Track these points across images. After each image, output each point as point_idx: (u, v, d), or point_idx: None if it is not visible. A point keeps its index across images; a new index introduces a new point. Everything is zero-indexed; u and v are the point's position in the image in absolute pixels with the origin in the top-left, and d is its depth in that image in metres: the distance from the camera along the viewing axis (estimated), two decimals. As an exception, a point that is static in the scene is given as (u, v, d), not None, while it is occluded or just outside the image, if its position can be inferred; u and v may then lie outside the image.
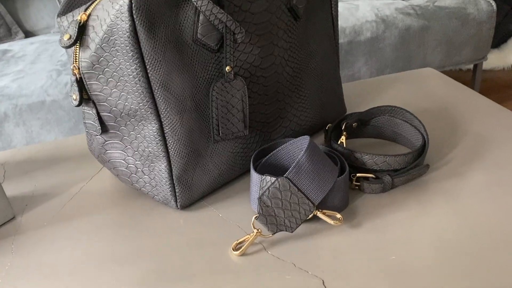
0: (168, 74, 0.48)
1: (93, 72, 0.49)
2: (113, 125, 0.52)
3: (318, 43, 0.63)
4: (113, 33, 0.46)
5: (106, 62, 0.48)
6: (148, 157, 0.52)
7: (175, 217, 0.53)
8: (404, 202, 0.53)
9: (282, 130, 0.61)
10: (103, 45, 0.47)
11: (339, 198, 0.50)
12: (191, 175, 0.53)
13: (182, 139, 0.51)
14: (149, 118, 0.50)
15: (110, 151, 0.55)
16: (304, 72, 0.62)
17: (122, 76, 0.48)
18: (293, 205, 0.47)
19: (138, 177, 0.54)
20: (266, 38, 0.55)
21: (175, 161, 0.52)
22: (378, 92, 0.79)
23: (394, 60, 1.29)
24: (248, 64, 0.54)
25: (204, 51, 0.50)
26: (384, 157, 0.53)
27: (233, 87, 0.52)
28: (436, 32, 1.29)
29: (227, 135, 0.53)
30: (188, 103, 0.50)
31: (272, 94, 0.58)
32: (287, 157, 0.54)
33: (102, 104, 0.51)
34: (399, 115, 0.61)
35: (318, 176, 0.48)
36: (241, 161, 0.57)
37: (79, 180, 0.63)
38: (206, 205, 0.55)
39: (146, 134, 0.51)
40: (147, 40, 0.45)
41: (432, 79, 0.82)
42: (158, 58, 0.47)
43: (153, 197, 0.55)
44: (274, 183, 0.47)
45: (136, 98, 0.48)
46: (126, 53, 0.46)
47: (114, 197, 0.58)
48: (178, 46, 0.48)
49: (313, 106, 0.64)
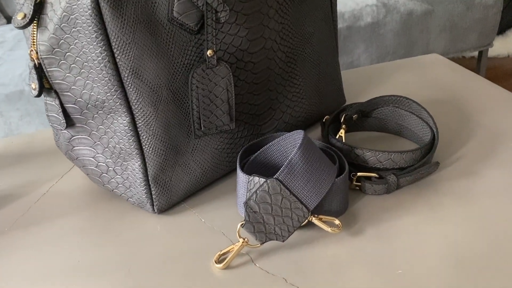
0: (139, 59, 0.41)
1: (53, 57, 0.42)
2: (79, 118, 0.46)
3: (314, 25, 0.56)
4: (73, 10, 0.39)
5: (67, 46, 0.41)
6: (120, 154, 0.46)
7: (151, 223, 0.47)
8: (411, 205, 0.46)
9: (274, 123, 0.54)
10: (63, 25, 0.40)
11: (337, 201, 0.44)
12: (169, 175, 0.47)
13: (157, 134, 0.44)
14: (118, 110, 0.43)
15: (77, 148, 0.48)
16: (298, 57, 0.55)
17: (86, 61, 0.41)
18: (284, 211, 0.41)
19: (109, 177, 0.48)
20: (254, 18, 0.48)
21: (151, 159, 0.45)
22: (380, 80, 0.73)
23: (396, 47, 1.22)
24: (234, 48, 0.47)
25: (182, 32, 0.43)
26: (389, 154, 0.47)
27: (216, 74, 0.45)
28: (440, 17, 1.22)
29: (210, 129, 0.47)
30: (163, 93, 0.44)
31: (263, 83, 0.51)
32: (279, 154, 0.47)
33: (65, 94, 0.45)
34: (405, 106, 0.54)
35: (313, 176, 0.41)
36: (227, 159, 0.51)
37: (49, 178, 0.57)
38: (187, 208, 0.49)
39: (117, 129, 0.44)
40: (113, 19, 0.39)
41: (438, 66, 0.76)
42: (126, 40, 0.40)
43: (127, 199, 0.48)
44: (263, 186, 0.40)
45: (103, 87, 0.42)
46: (89, 35, 0.39)
47: (84, 199, 0.52)
48: (150, 26, 0.41)
49: (308, 96, 0.57)
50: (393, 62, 0.78)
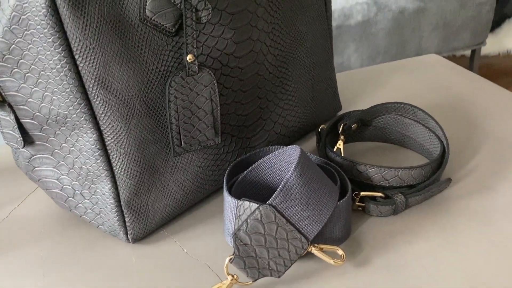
0: (107, 67, 0.35)
1: (4, 65, 0.36)
2: (39, 135, 0.39)
3: (307, 24, 0.50)
4: (25, 10, 0.33)
5: (19, 51, 0.35)
6: (88, 176, 0.40)
7: (125, 254, 0.41)
8: (421, 228, 0.41)
9: (265, 134, 0.48)
10: (13, 27, 0.34)
11: (339, 227, 0.38)
12: (145, 199, 0.41)
13: (130, 153, 0.38)
14: (83, 126, 0.37)
15: (39, 168, 0.42)
16: (290, 60, 0.49)
17: (43, 70, 0.35)
18: (280, 242, 0.35)
19: (77, 201, 0.42)
20: (241, 17, 0.42)
21: (123, 182, 0.39)
22: (377, 83, 0.67)
23: (387, 46, 1.17)
24: (218, 51, 0.41)
25: (157, 35, 0.37)
26: (396, 171, 0.41)
27: (198, 83, 0.39)
28: (432, 15, 1.18)
29: (193, 145, 0.41)
30: (136, 105, 0.37)
31: (251, 90, 0.45)
32: (271, 172, 0.42)
33: (21, 108, 0.38)
34: (409, 114, 0.49)
35: (312, 201, 0.36)
36: (212, 177, 0.45)
37: (10, 200, 0.50)
38: (166, 235, 0.43)
39: (82, 147, 0.38)
40: (73, 20, 0.32)
41: (437, 67, 0.71)
42: (90, 45, 0.34)
43: (97, 226, 0.42)
44: (255, 213, 0.35)
45: (65, 100, 0.36)
46: (45, 39, 0.33)
47: (50, 226, 0.45)
48: (118, 27, 0.35)
49: (302, 103, 0.52)
50: (390, 64, 0.73)
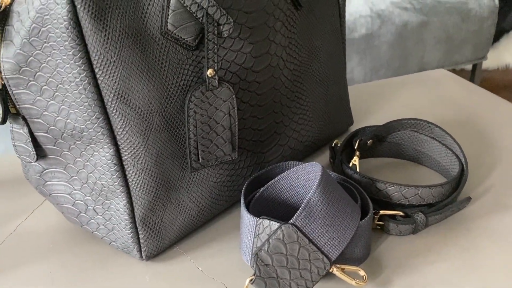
0: (127, 81, 0.34)
1: (21, 77, 0.35)
2: (52, 149, 0.38)
3: (322, 40, 0.50)
4: (45, 22, 0.32)
5: (37, 64, 0.34)
6: (102, 192, 0.38)
7: (138, 272, 0.40)
8: (442, 248, 0.40)
9: (279, 149, 0.48)
10: (32, 39, 0.33)
11: (360, 246, 0.38)
12: (159, 215, 0.39)
13: (147, 169, 0.37)
14: (100, 141, 0.36)
15: (50, 183, 0.41)
16: (305, 75, 0.49)
17: (61, 83, 0.34)
18: (302, 263, 0.34)
19: (89, 217, 0.40)
20: (260, 31, 0.41)
21: (138, 198, 0.38)
22: (387, 98, 0.67)
23: (390, 59, 1.17)
24: (237, 66, 0.41)
25: (177, 49, 0.36)
26: (416, 189, 0.41)
27: (217, 97, 0.38)
28: (435, 29, 1.18)
29: (210, 160, 0.40)
30: (155, 120, 0.37)
31: (267, 105, 0.45)
32: (289, 189, 0.41)
33: (36, 121, 0.37)
34: (425, 131, 0.48)
35: (335, 220, 0.35)
36: (228, 193, 0.44)
37: (17, 214, 0.49)
38: (180, 253, 0.42)
39: (98, 162, 0.37)
40: (94, 33, 0.32)
41: (447, 83, 0.70)
42: (111, 58, 0.33)
43: (110, 243, 0.41)
44: (277, 233, 0.34)
45: (82, 114, 0.35)
46: (65, 51, 0.32)
47: (59, 241, 0.44)
48: (140, 41, 0.34)
49: (316, 117, 0.51)
50: (398, 78, 0.73)
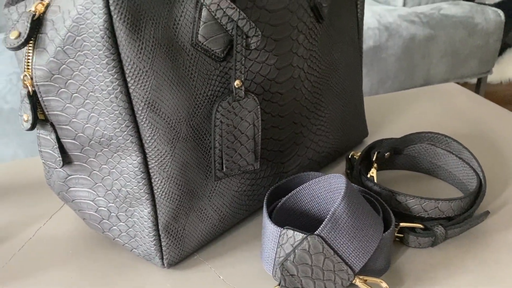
0: (157, 90, 0.34)
1: (52, 84, 0.36)
2: (78, 156, 0.39)
3: (341, 52, 0.51)
4: (81, 31, 0.32)
5: (70, 72, 0.34)
6: (126, 199, 0.39)
7: (159, 279, 0.40)
8: (461, 261, 0.41)
9: (297, 159, 0.48)
10: (66, 47, 0.33)
11: (382, 258, 0.38)
12: (182, 223, 0.40)
13: (173, 177, 0.38)
14: (128, 148, 0.36)
15: (74, 189, 0.41)
16: (324, 87, 0.49)
17: (92, 91, 0.34)
18: (326, 274, 0.34)
19: (111, 224, 0.41)
20: (284, 44, 0.42)
21: (162, 206, 0.38)
22: (399, 111, 0.67)
23: (397, 72, 1.18)
24: (262, 77, 0.41)
25: (206, 59, 0.37)
26: (436, 202, 0.41)
27: (243, 108, 0.39)
28: (442, 42, 1.19)
29: (233, 170, 0.40)
30: (182, 129, 0.37)
31: (288, 115, 0.45)
32: (310, 200, 0.41)
33: (64, 128, 0.38)
34: (442, 144, 0.49)
35: (359, 232, 0.35)
36: (248, 202, 0.44)
37: (35, 220, 0.49)
38: (200, 261, 0.42)
39: (124, 170, 0.37)
40: (129, 43, 0.32)
41: (458, 96, 0.71)
42: (144, 68, 0.33)
43: (131, 250, 0.41)
44: (303, 244, 0.34)
45: (112, 122, 0.35)
46: (99, 60, 0.33)
47: (78, 247, 0.44)
48: (171, 51, 0.35)
49: (333, 129, 0.52)
50: (409, 91, 0.73)
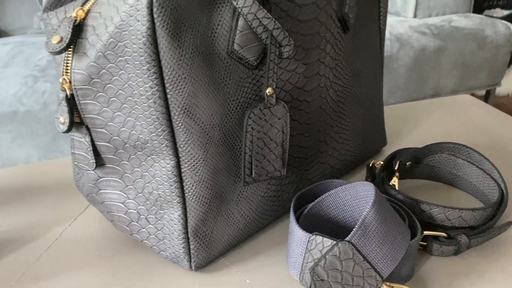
0: (194, 96, 0.35)
1: (90, 88, 0.36)
2: (111, 158, 0.40)
3: (364, 62, 0.52)
4: (123, 37, 0.33)
5: (109, 76, 0.35)
6: (157, 202, 0.40)
7: (187, 282, 0.41)
8: (484, 270, 0.41)
9: (320, 167, 0.49)
10: (107, 52, 0.34)
11: (408, 265, 0.39)
12: (210, 227, 0.41)
13: (204, 181, 0.39)
14: (163, 152, 0.37)
15: (104, 191, 0.42)
16: (347, 96, 0.50)
17: (131, 96, 0.35)
18: (356, 279, 0.35)
19: (140, 226, 0.41)
20: (313, 53, 0.43)
21: (192, 209, 0.39)
22: (415, 121, 0.68)
23: (407, 82, 1.19)
24: (291, 85, 0.42)
25: (240, 67, 0.38)
26: (460, 212, 0.42)
27: (273, 115, 0.40)
28: (452, 54, 1.21)
29: (261, 175, 0.41)
30: (215, 134, 0.38)
31: (313, 123, 0.46)
32: (336, 207, 0.42)
33: (99, 131, 0.38)
34: (463, 155, 0.50)
35: (388, 239, 0.36)
36: (273, 207, 0.45)
37: (59, 221, 0.50)
38: (227, 265, 0.42)
39: (157, 173, 0.38)
40: (170, 50, 0.33)
41: (472, 108, 0.72)
42: (182, 75, 0.34)
43: (158, 252, 0.42)
44: (333, 250, 0.35)
45: (148, 126, 0.36)
46: (140, 66, 0.34)
47: (104, 248, 0.45)
48: (208, 59, 0.36)
49: (354, 137, 0.52)
50: (425, 102, 0.74)
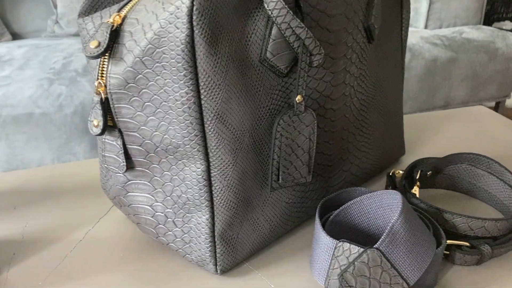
0: (227, 102, 0.36)
1: (125, 93, 0.37)
2: (141, 162, 0.40)
3: (386, 71, 0.52)
4: (162, 43, 0.34)
5: (145, 81, 0.36)
6: (185, 205, 0.40)
7: (212, 286, 0.41)
8: (507, 280, 0.42)
9: (343, 175, 0.50)
10: (145, 58, 0.35)
11: (431, 274, 0.39)
12: (236, 231, 0.41)
13: (232, 185, 0.39)
14: (194, 156, 0.38)
15: (133, 194, 0.42)
16: (370, 105, 0.51)
17: (166, 101, 0.36)
18: (383, 286, 0.36)
19: (167, 229, 0.42)
20: (340, 62, 0.44)
21: (220, 213, 0.40)
22: (432, 131, 0.69)
23: (418, 92, 1.20)
24: (318, 93, 0.43)
25: (270, 75, 0.39)
26: (483, 222, 0.42)
27: (301, 122, 0.41)
28: (463, 65, 1.21)
29: (287, 181, 0.42)
30: (245, 140, 0.39)
31: (337, 131, 0.47)
32: (361, 214, 0.42)
33: (131, 135, 0.39)
34: (483, 165, 0.50)
35: (415, 247, 0.36)
36: (296, 214, 0.46)
37: (83, 222, 0.50)
38: (251, 269, 0.43)
39: (187, 177, 0.39)
40: (207, 57, 0.34)
41: (488, 119, 0.73)
42: (217, 81, 0.35)
43: (184, 255, 0.43)
44: (362, 256, 0.35)
45: (181, 131, 0.37)
46: (177, 72, 0.34)
47: (129, 250, 0.45)
48: (242, 66, 0.36)
49: (375, 146, 0.53)
50: (440, 112, 0.75)
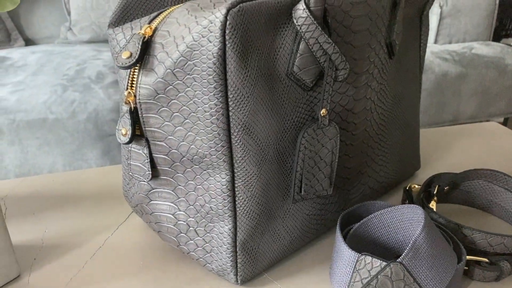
0: (254, 115, 0.37)
1: (155, 103, 0.38)
2: (166, 171, 0.41)
3: (405, 86, 0.53)
4: (194, 56, 0.35)
5: (175, 92, 0.37)
6: (208, 214, 0.41)
7: (234, 295, 0.41)
8: (524, 297, 0.42)
9: (361, 188, 0.50)
10: (176, 70, 0.36)
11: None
12: (257, 242, 0.42)
13: (255, 196, 0.40)
14: (219, 167, 0.38)
15: (155, 202, 0.43)
16: (388, 119, 0.51)
17: (194, 112, 0.37)
18: (405, 300, 0.36)
19: (188, 238, 0.43)
20: (362, 77, 0.44)
21: (242, 223, 0.40)
22: (446, 146, 0.69)
23: (427, 106, 1.21)
24: (341, 107, 0.43)
25: (296, 88, 0.39)
26: (502, 238, 0.43)
27: (325, 135, 0.41)
28: (473, 81, 1.22)
29: (309, 193, 0.42)
30: (270, 152, 0.39)
31: (358, 145, 0.47)
32: (381, 228, 0.43)
33: (158, 144, 0.40)
34: (500, 182, 0.51)
35: (437, 262, 0.37)
36: (316, 226, 0.46)
37: (101, 229, 0.51)
38: (270, 280, 0.43)
39: (211, 187, 0.39)
40: (237, 70, 0.35)
41: (501, 135, 0.73)
42: (246, 94, 0.36)
43: (204, 265, 0.43)
44: (385, 270, 0.36)
45: (208, 141, 0.37)
46: (207, 84, 0.35)
47: (148, 258, 0.46)
48: (269, 80, 0.37)
49: (392, 160, 0.53)
50: (454, 128, 0.75)
